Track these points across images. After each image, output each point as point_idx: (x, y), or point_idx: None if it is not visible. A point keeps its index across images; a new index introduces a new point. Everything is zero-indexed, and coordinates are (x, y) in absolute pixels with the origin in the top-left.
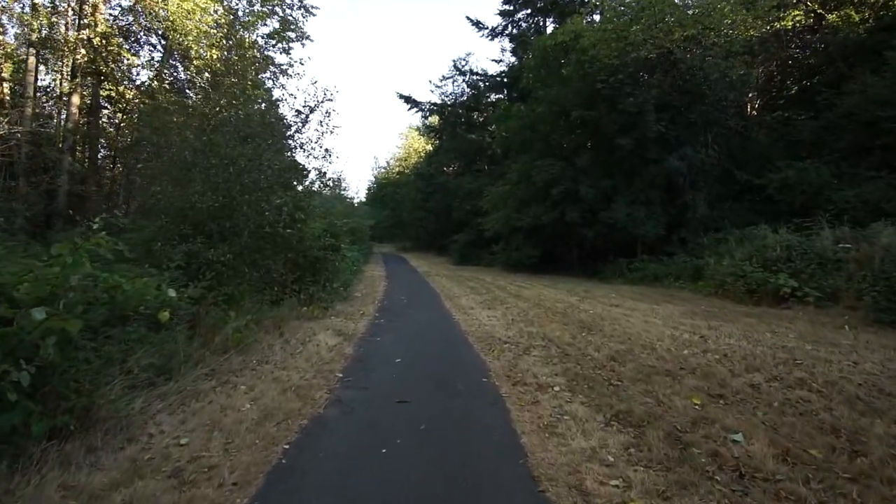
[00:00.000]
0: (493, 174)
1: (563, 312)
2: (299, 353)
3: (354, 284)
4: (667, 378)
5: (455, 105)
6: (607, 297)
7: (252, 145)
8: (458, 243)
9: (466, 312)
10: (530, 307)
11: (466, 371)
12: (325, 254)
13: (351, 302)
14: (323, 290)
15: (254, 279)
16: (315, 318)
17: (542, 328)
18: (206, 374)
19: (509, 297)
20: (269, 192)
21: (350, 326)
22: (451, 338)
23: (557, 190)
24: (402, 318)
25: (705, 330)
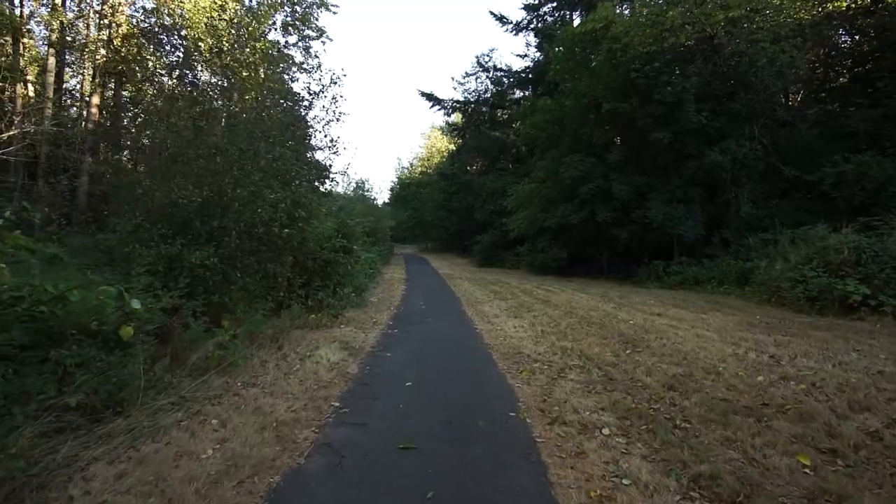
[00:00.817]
0: (518, 173)
1: (600, 323)
2: (295, 373)
3: (371, 289)
4: (749, 419)
5: (478, 102)
6: (646, 303)
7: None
8: (481, 244)
9: (490, 321)
10: (561, 316)
11: (489, 400)
12: (336, 256)
13: (364, 308)
14: (333, 295)
15: (248, 285)
16: (322, 328)
17: (578, 343)
18: (172, 404)
19: (537, 304)
20: (263, 186)
21: (359, 338)
22: (473, 354)
23: (587, 188)
24: (418, 328)
25: (772, 347)
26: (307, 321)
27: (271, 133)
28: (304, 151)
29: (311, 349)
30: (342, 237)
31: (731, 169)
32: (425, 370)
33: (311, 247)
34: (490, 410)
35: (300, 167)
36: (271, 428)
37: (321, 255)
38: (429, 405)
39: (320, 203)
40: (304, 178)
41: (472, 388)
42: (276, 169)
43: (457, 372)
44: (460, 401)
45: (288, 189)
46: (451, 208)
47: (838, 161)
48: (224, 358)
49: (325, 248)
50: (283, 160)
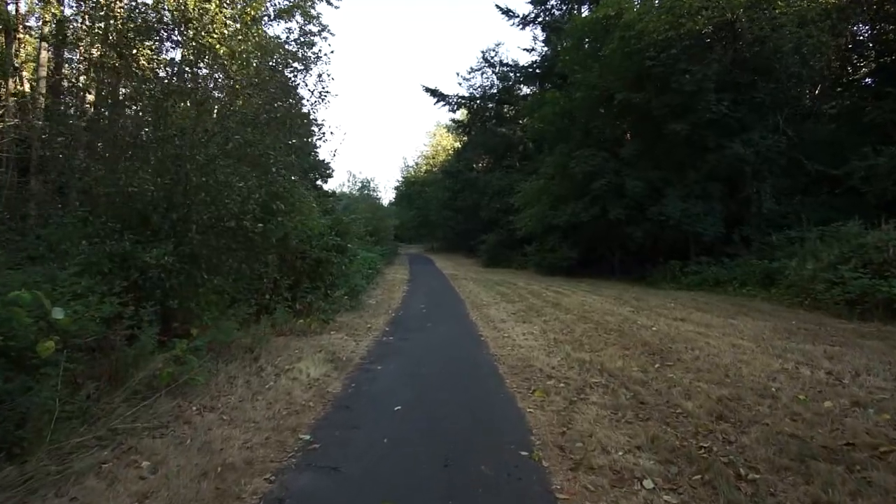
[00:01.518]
0: (525, 170)
1: (619, 329)
2: (265, 393)
3: (369, 290)
4: (836, 467)
5: (484, 98)
6: (665, 306)
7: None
8: (487, 244)
9: (496, 327)
10: (575, 321)
11: (495, 432)
12: (329, 255)
13: (360, 312)
14: (324, 298)
15: (219, 288)
16: (310, 334)
17: (597, 354)
18: (97, 439)
19: (547, 307)
20: (231, 173)
21: (348, 347)
22: (476, 367)
23: (599, 183)
24: (417, 336)
25: (825, 360)
26: (294, 327)
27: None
28: (286, 137)
29: (292, 361)
30: (336, 235)
31: (754, 163)
32: (420, 389)
33: (295, 244)
34: (496, 447)
35: (280, 154)
36: (214, 474)
37: (311, 254)
38: (421, 439)
39: (302, 196)
40: (284, 166)
41: (475, 413)
42: (247, 154)
43: (457, 391)
44: (460, 432)
45: (263, 178)
46: (456, 207)
47: (868, 154)
48: (178, 376)
49: (315, 246)
50: (257, 145)
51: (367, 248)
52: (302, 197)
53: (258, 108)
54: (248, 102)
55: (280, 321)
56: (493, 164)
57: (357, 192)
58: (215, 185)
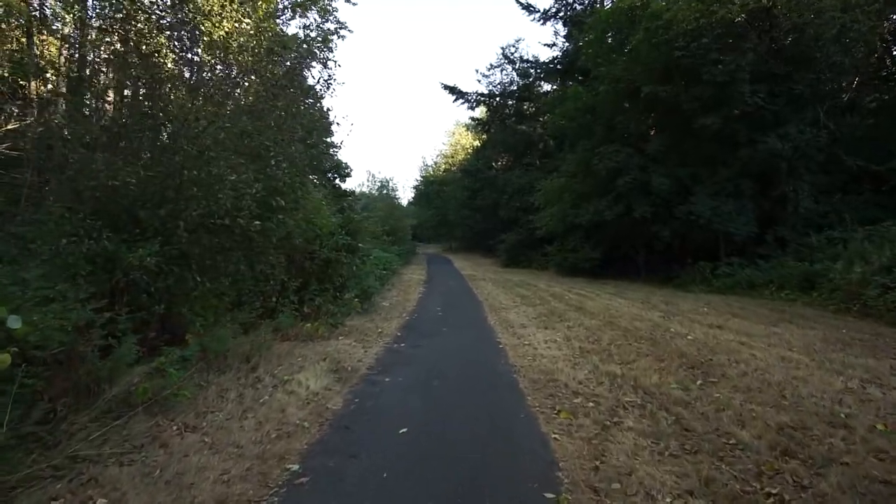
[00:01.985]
0: (546, 168)
1: (650, 337)
2: (257, 409)
3: (384, 291)
4: None
5: (503, 95)
6: (697, 311)
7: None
8: (507, 243)
9: (516, 333)
10: (601, 327)
11: (515, 466)
12: (338, 255)
13: (372, 315)
14: (333, 301)
15: (215, 291)
16: (316, 340)
17: (629, 366)
18: (53, 469)
19: (570, 311)
20: (224, 165)
21: (356, 355)
22: (494, 380)
23: (623, 180)
24: (431, 343)
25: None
26: (301, 331)
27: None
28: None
29: (292, 371)
30: (347, 234)
31: (791, 158)
32: (430, 407)
33: (301, 244)
34: (515, 486)
35: (282, 146)
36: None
37: (320, 255)
38: (427, 474)
39: (308, 192)
40: (286, 159)
41: (491, 439)
42: (244, 146)
43: (472, 410)
44: (473, 466)
45: (261, 172)
46: (475, 206)
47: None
48: (159, 391)
49: (325, 245)
50: (254, 136)
51: (384, 248)
52: (307, 193)
53: (257, 96)
54: (246, 90)
55: (286, 325)
56: (512, 163)
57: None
58: (207, 179)
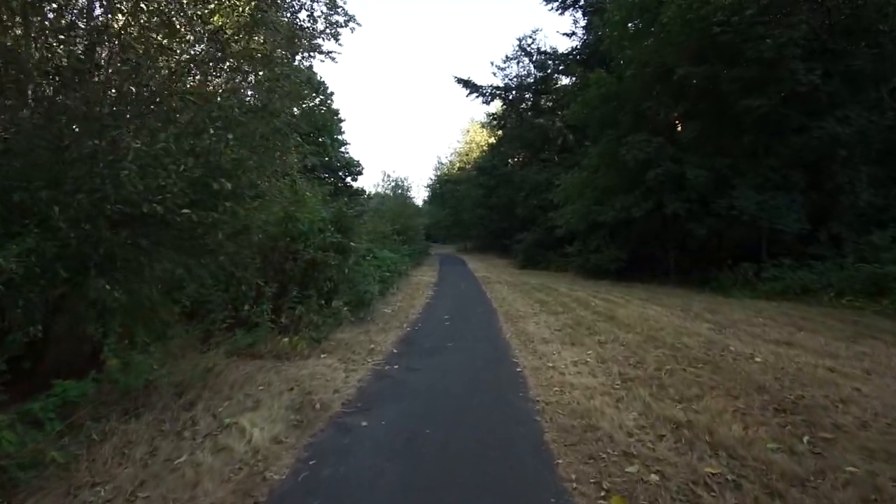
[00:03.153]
0: (565, 163)
1: (708, 359)
2: (162, 479)
3: (388, 296)
4: None
5: (520, 88)
6: (750, 321)
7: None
8: (524, 243)
9: (537, 350)
10: (641, 344)
11: None
12: (326, 256)
13: (368, 325)
14: (318, 310)
15: (134, 302)
16: (292, 359)
17: (693, 407)
18: None
19: (599, 321)
20: (125, 130)
21: (334, 382)
22: (509, 427)
23: (654, 173)
24: (431, 363)
25: None
26: (275, 347)
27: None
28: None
29: (241, 409)
30: (338, 230)
31: (852, 144)
32: (416, 479)
33: (261, 240)
34: None
35: (225, 109)
36: None
37: (304, 255)
38: None
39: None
40: (234, 128)
41: None
42: (164, 106)
43: (475, 489)
44: None
45: (193, 143)
46: (490, 205)
47: None
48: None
49: (310, 244)
50: (177, 91)
51: (393, 248)
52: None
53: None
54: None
55: (257, 340)
56: (529, 159)
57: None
58: (104, 148)
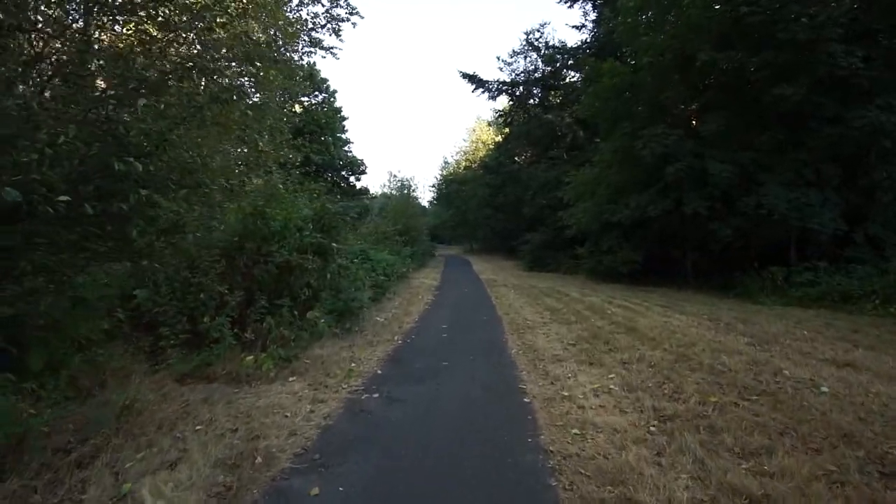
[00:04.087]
0: (575, 161)
1: (764, 389)
2: None
3: (384, 301)
4: None
5: (528, 83)
6: (792, 334)
7: None
8: (531, 244)
9: (549, 374)
10: (673, 364)
11: None
12: (302, 259)
13: (354, 337)
14: (289, 323)
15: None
16: (254, 382)
17: (763, 464)
18: None
19: (618, 333)
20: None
21: (292, 420)
22: (516, 499)
23: (673, 168)
24: (420, 392)
25: None
26: (236, 368)
27: None
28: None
29: (158, 464)
30: (318, 230)
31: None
32: None
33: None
34: None
35: (129, 68)
36: None
37: (276, 258)
38: None
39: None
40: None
41: None
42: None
43: None
44: None
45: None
46: (496, 205)
47: None
48: None
49: (284, 245)
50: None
51: (395, 250)
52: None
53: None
54: None
55: (215, 359)
56: (537, 157)
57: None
58: None
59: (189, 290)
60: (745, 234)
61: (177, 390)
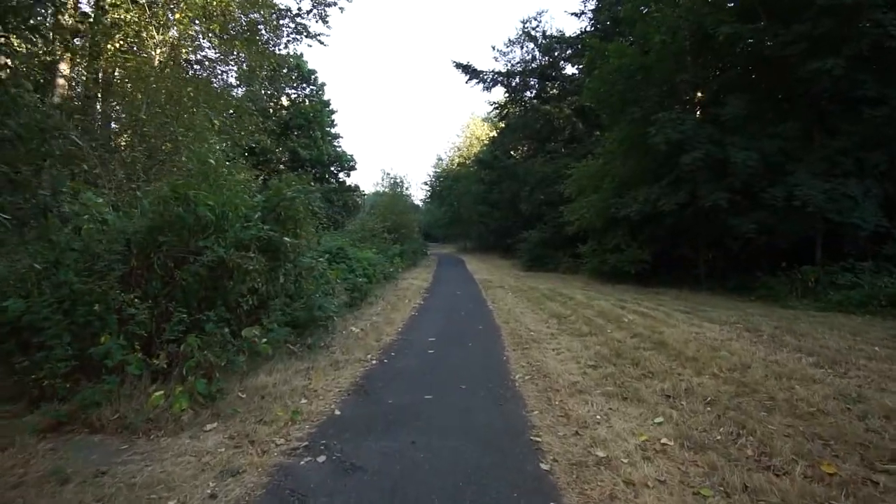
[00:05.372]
0: (575, 154)
1: (889, 444)
2: None
3: (365, 307)
4: None
5: (524, 73)
6: (861, 350)
7: None
8: (529, 242)
9: (568, 415)
10: (734, 398)
11: None
12: (244, 259)
13: (315, 357)
14: (223, 344)
15: None
16: (151, 434)
17: None
18: None
19: (645, 349)
20: None
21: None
22: None
23: (690, 157)
24: (385, 453)
25: None
26: (138, 409)
27: None
28: None
29: None
30: (276, 220)
31: None
32: None
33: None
34: None
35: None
36: None
37: (207, 257)
38: None
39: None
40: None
41: None
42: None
43: None
44: None
45: None
46: (491, 201)
47: None
48: None
49: (222, 239)
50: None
51: (383, 248)
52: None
53: None
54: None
55: (105, 398)
56: (534, 151)
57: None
58: None
59: (79, 300)
60: (769, 230)
61: (29, 449)
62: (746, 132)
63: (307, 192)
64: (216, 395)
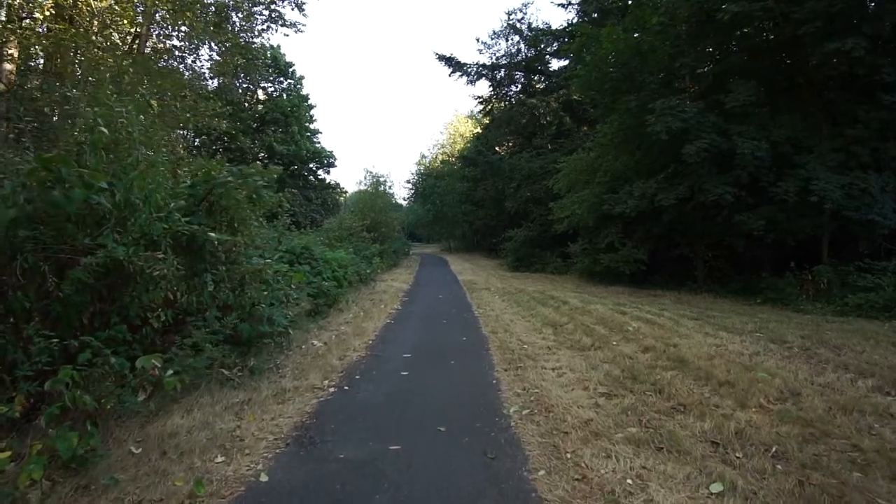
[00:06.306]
0: (563, 149)
1: None
2: None
3: (334, 314)
4: None
5: (510, 66)
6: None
7: None
8: (515, 241)
9: (587, 475)
10: (806, 445)
11: None
12: (149, 262)
13: (257, 384)
14: (112, 377)
15: None
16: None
17: None
18: None
19: (665, 369)
20: None
21: None
22: None
23: (694, 148)
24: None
25: None
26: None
27: None
28: None
29: None
30: (206, 211)
31: None
32: None
33: None
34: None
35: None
36: None
37: (93, 259)
38: None
39: None
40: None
41: None
42: None
43: None
44: None
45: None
46: (476, 200)
47: None
48: None
49: (123, 234)
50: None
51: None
52: None
53: None
54: None
55: None
56: (520, 146)
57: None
58: None
59: None
60: (777, 227)
61: None
62: (754, 121)
63: (246, 177)
64: (87, 458)
